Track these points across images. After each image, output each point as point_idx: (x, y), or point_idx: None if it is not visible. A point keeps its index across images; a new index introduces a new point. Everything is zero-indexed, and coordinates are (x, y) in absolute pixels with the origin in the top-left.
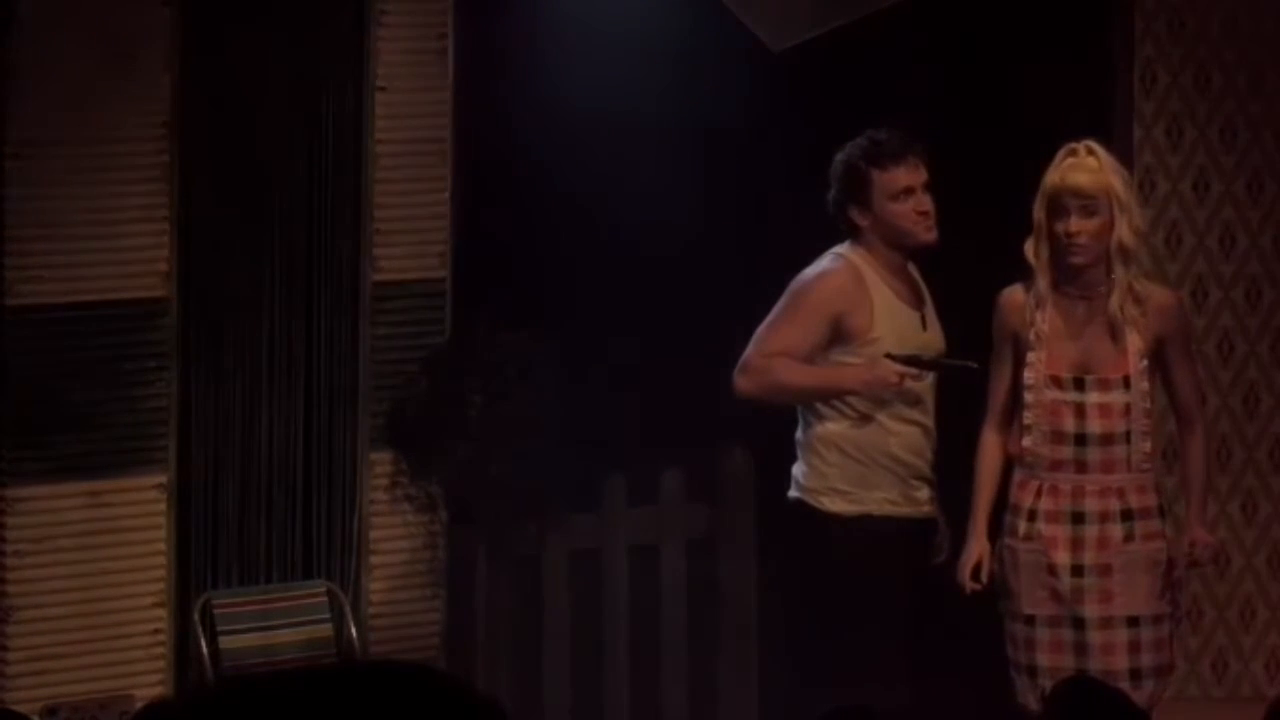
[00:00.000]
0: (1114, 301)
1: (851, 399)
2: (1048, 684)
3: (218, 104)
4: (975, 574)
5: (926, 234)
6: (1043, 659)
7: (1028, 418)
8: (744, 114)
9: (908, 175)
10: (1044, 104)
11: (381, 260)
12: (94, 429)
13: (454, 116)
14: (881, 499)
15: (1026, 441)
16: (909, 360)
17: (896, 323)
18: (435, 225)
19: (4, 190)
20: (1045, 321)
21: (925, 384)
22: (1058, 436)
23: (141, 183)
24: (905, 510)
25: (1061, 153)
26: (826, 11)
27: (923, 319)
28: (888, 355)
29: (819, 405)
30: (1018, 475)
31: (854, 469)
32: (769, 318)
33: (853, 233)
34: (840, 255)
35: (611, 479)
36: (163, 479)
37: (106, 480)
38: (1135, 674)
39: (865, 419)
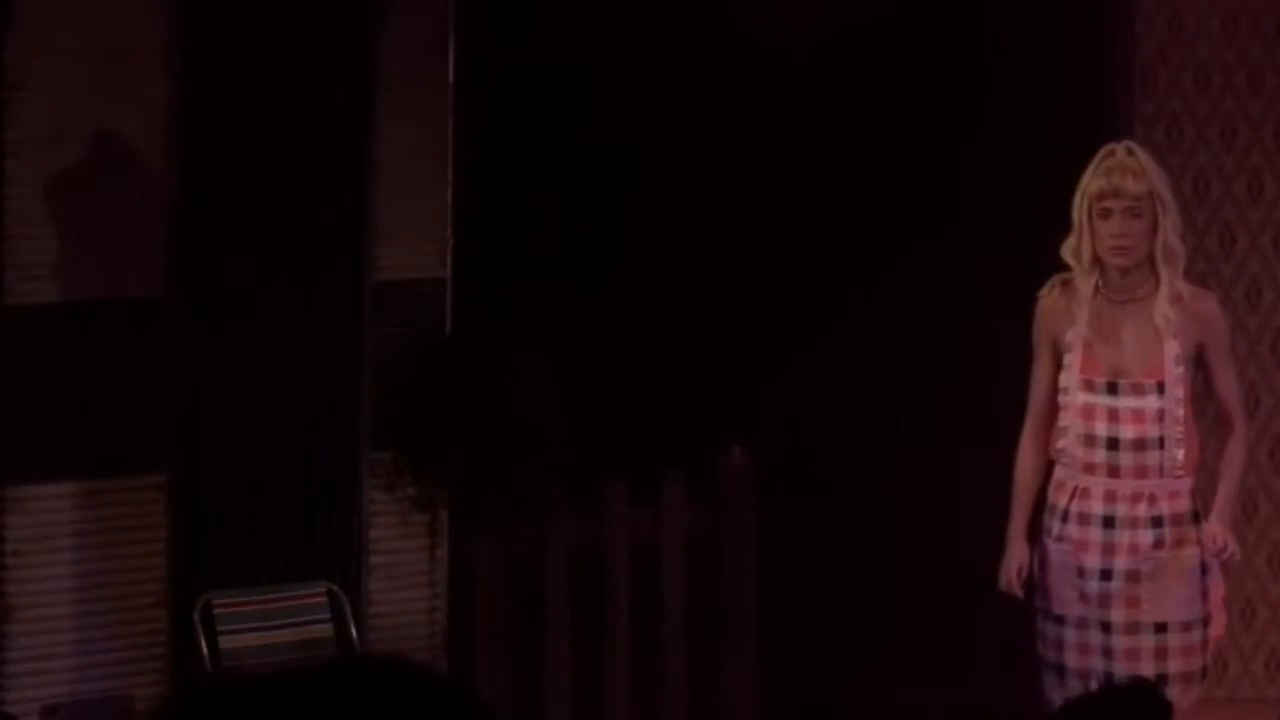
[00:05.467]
0: (1159, 305)
1: None
2: (1075, 684)
3: (217, 104)
4: (1017, 578)
5: None
6: (1071, 660)
7: (1063, 420)
8: (743, 114)
9: None
10: (1044, 104)
11: (381, 260)
12: (94, 429)
13: (454, 116)
14: None
15: (1061, 443)
16: None
17: None
18: (435, 225)
19: (4, 190)
20: (1086, 324)
21: None
22: (1090, 440)
23: (141, 182)
24: None
25: (1101, 154)
26: (826, 12)
27: None
28: None
29: None
30: (1055, 475)
31: None
32: None
33: None
34: None
35: (611, 479)
36: (163, 479)
37: (106, 480)
38: (1162, 680)
39: None
